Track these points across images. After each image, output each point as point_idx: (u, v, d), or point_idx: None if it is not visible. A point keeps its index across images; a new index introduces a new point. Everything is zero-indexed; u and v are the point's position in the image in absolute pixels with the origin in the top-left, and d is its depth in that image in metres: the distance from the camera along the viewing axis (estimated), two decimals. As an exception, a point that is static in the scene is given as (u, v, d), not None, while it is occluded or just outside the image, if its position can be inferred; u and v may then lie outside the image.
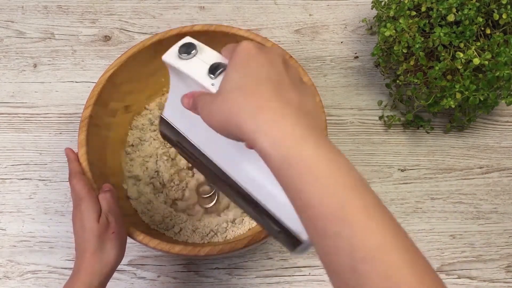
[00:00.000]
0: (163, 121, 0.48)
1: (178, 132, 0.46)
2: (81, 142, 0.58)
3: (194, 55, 0.39)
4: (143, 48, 0.64)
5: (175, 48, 0.40)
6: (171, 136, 0.48)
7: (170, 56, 0.40)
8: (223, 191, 0.49)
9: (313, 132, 0.31)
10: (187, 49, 0.39)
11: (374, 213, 0.29)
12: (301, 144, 0.30)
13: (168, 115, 0.47)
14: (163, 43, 0.64)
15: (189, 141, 0.46)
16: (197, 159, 0.46)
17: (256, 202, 0.42)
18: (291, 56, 0.63)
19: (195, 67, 0.39)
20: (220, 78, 0.37)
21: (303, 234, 0.38)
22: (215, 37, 0.65)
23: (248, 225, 0.64)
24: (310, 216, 0.30)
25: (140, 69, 0.65)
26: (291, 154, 0.30)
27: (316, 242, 0.31)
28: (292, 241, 0.39)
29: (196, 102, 0.37)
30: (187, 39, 0.40)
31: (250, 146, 0.32)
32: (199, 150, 0.45)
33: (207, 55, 0.39)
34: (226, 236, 0.63)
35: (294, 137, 0.30)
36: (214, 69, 0.38)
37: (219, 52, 0.39)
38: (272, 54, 0.35)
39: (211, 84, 0.37)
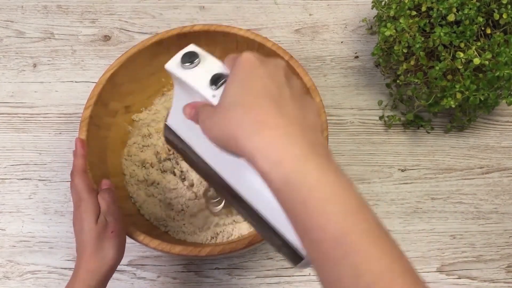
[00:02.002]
0: (167, 128, 0.47)
1: (182, 140, 0.46)
2: None
3: (197, 65, 0.39)
4: (144, 48, 0.64)
5: (178, 56, 0.40)
6: (175, 142, 0.47)
7: (173, 65, 0.40)
8: (227, 201, 0.49)
9: (315, 151, 0.30)
10: (189, 58, 0.39)
11: (378, 238, 0.29)
12: (302, 166, 0.29)
13: (171, 122, 0.46)
14: (163, 43, 0.64)
15: (192, 150, 0.45)
16: (200, 167, 0.46)
17: (258, 215, 0.41)
18: (291, 57, 0.63)
19: (197, 77, 0.38)
20: (221, 89, 0.37)
21: (304, 250, 0.37)
22: (215, 37, 0.65)
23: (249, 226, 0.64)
24: (312, 240, 0.29)
25: (141, 69, 0.65)
26: (291, 176, 0.29)
27: (318, 266, 0.30)
28: (294, 256, 0.39)
29: (197, 114, 0.37)
30: (190, 48, 0.40)
31: (249, 164, 0.31)
32: (202, 159, 0.45)
33: (209, 65, 0.39)
34: (228, 237, 0.63)
35: (295, 158, 0.29)
36: (215, 80, 0.37)
37: (222, 60, 0.39)
38: (273, 67, 0.34)
39: (212, 96, 0.37)
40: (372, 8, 0.75)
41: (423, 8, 0.66)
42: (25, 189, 0.70)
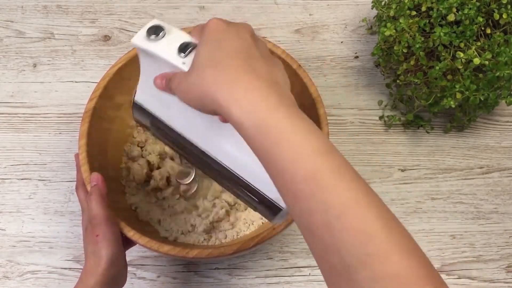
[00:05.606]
0: (136, 106, 0.48)
1: (152, 114, 0.47)
2: (82, 134, 0.58)
3: (163, 36, 0.40)
4: None
5: (143, 30, 0.41)
6: (145, 120, 0.48)
7: (139, 38, 0.40)
8: (201, 169, 0.50)
9: (284, 102, 0.33)
10: (155, 31, 0.40)
11: (345, 174, 0.31)
12: (273, 113, 0.32)
13: (139, 98, 0.47)
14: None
15: (163, 123, 0.46)
16: (173, 140, 0.47)
17: (234, 176, 0.44)
18: (300, 66, 0.62)
19: (165, 48, 0.39)
20: (190, 56, 0.38)
21: (281, 202, 0.40)
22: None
23: (242, 230, 0.64)
24: (285, 180, 0.32)
25: None
26: (264, 122, 0.32)
27: (291, 205, 0.32)
28: (272, 210, 0.41)
29: (169, 82, 0.39)
30: (155, 22, 0.41)
31: (225, 118, 0.34)
32: (174, 130, 0.46)
33: (175, 36, 0.40)
34: (221, 240, 0.63)
35: (266, 106, 0.32)
36: (183, 48, 0.39)
37: (188, 32, 0.40)
38: (240, 28, 0.37)
39: (182, 63, 0.38)
40: (372, 8, 0.75)
41: (423, 8, 0.66)
42: (25, 189, 0.70)
